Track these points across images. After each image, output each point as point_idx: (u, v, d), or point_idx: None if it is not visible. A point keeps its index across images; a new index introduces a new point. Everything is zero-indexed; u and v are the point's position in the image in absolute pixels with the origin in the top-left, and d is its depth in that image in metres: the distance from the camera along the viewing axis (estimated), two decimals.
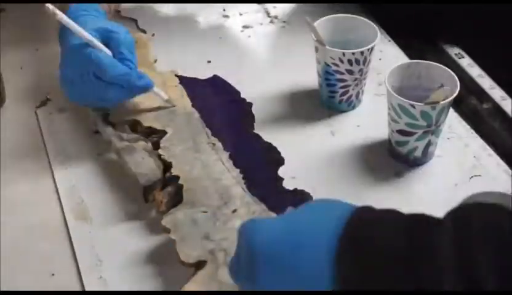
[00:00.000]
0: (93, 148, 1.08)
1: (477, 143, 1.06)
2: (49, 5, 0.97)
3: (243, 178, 0.95)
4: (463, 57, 1.19)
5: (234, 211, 0.90)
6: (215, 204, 0.91)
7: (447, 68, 1.01)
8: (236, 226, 0.87)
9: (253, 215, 0.89)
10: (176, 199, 0.93)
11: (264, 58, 1.27)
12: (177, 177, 0.95)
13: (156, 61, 1.21)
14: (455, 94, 0.97)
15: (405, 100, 0.96)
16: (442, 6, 1.21)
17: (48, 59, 1.26)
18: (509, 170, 1.01)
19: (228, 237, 0.86)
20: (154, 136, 1.04)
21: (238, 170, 0.97)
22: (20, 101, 1.18)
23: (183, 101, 1.09)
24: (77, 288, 0.89)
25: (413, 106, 0.95)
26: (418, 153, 1.01)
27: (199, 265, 0.84)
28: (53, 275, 0.91)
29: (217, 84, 1.17)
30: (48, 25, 1.36)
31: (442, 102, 0.95)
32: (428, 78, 1.02)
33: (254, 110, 1.10)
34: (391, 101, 0.98)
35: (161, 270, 0.89)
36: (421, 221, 0.64)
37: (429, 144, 1.01)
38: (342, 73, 1.08)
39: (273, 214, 0.89)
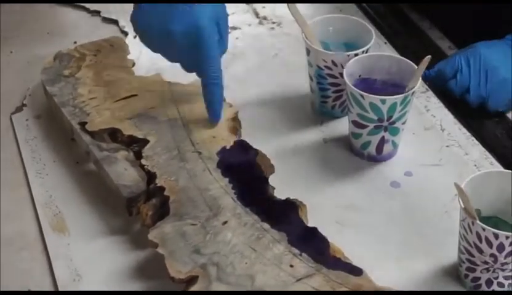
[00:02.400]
0: (71, 156, 1.07)
1: (478, 151, 1.06)
2: None
3: (232, 188, 0.94)
4: None
5: (225, 222, 0.89)
6: (204, 216, 0.90)
7: (413, 64, 1.02)
8: (228, 239, 0.86)
9: (244, 227, 0.88)
10: (162, 211, 0.92)
11: (253, 61, 1.26)
12: (162, 189, 0.94)
13: (134, 64, 1.20)
14: (410, 92, 0.98)
15: (355, 89, 0.98)
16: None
17: (24, 62, 1.25)
18: None
19: (219, 250, 0.86)
20: (135, 145, 1.03)
21: (227, 180, 0.96)
22: None
23: (165, 107, 1.08)
24: None
25: (362, 96, 0.98)
26: (371, 148, 1.03)
27: (190, 280, 0.83)
28: (28, 290, 0.90)
29: None
30: (24, 26, 1.35)
31: (392, 97, 0.97)
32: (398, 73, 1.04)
33: (241, 116, 1.09)
34: (346, 89, 1.01)
35: (146, 286, 0.89)
36: None
37: (383, 141, 1.02)
38: (335, 77, 1.07)
39: (266, 225, 0.89)
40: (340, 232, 0.93)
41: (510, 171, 0.86)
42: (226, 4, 1.04)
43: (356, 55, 1.05)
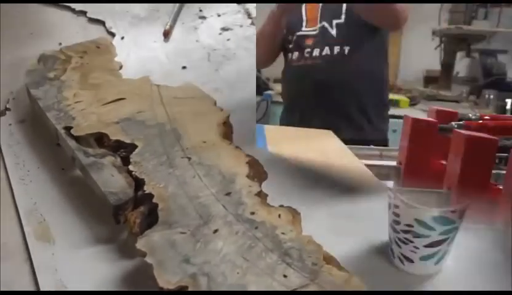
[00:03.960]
0: (56, 162, 1.07)
1: None
2: None
3: (225, 195, 0.95)
4: None
5: (216, 231, 0.89)
6: (194, 224, 0.91)
7: None
8: (219, 248, 0.87)
9: (236, 235, 0.88)
10: (150, 219, 0.92)
11: (245, 63, 1.26)
12: (151, 196, 0.95)
13: (121, 67, 1.20)
14: None
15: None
16: None
17: (6, 64, 1.25)
18: None
19: (210, 260, 0.86)
20: (122, 150, 1.03)
21: (217, 186, 0.96)
22: None
23: (154, 111, 1.08)
24: None
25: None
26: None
27: (180, 291, 0.83)
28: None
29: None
30: (6, 26, 1.35)
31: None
32: None
33: (233, 120, 1.09)
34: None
35: None
36: None
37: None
38: None
39: (259, 233, 0.89)
40: (333, 241, 0.93)
41: None
42: (218, 4, 1.04)
43: None
